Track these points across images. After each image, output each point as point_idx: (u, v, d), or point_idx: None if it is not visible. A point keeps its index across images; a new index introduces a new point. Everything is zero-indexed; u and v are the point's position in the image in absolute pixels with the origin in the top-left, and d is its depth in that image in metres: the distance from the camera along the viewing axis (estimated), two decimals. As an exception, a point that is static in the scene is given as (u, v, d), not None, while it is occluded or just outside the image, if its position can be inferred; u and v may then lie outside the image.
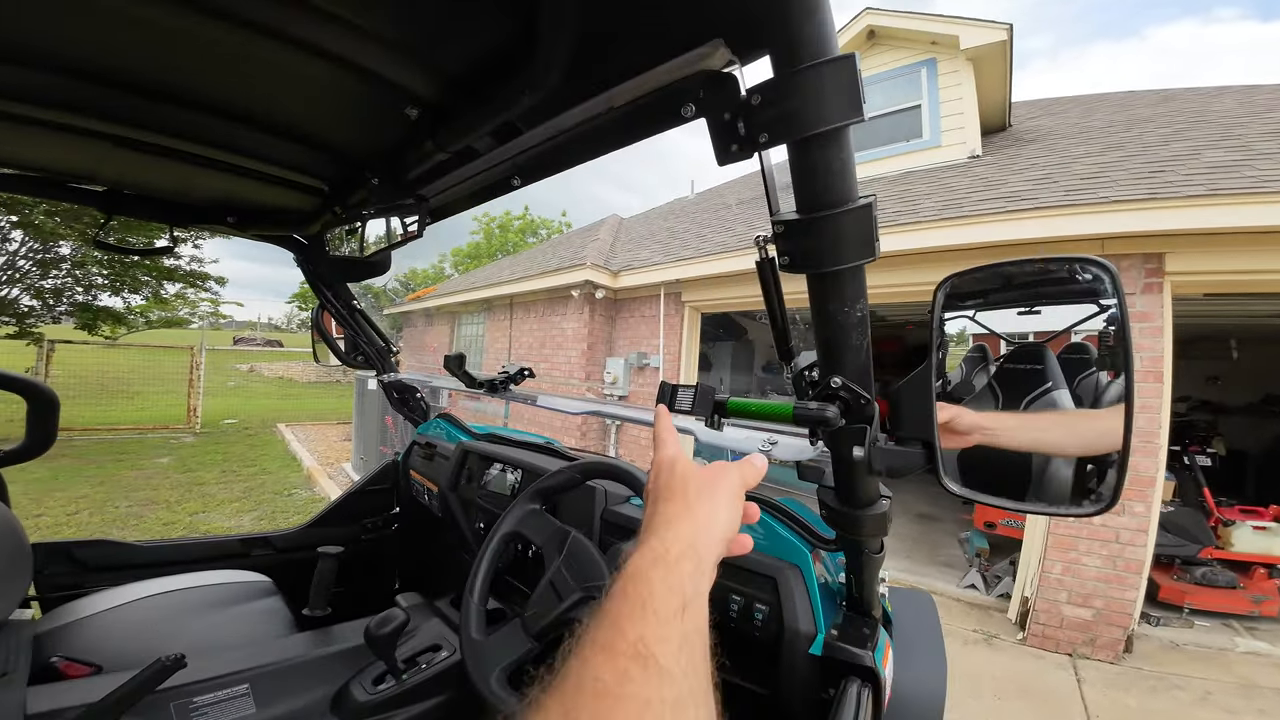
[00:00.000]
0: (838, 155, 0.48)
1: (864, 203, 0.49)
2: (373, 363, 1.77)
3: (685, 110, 0.60)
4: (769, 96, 0.48)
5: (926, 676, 1.07)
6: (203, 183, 1.18)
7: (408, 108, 0.81)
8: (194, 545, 1.70)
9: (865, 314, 0.56)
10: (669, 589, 0.38)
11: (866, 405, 0.60)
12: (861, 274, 0.54)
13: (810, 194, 0.50)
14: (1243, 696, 2.89)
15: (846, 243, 0.51)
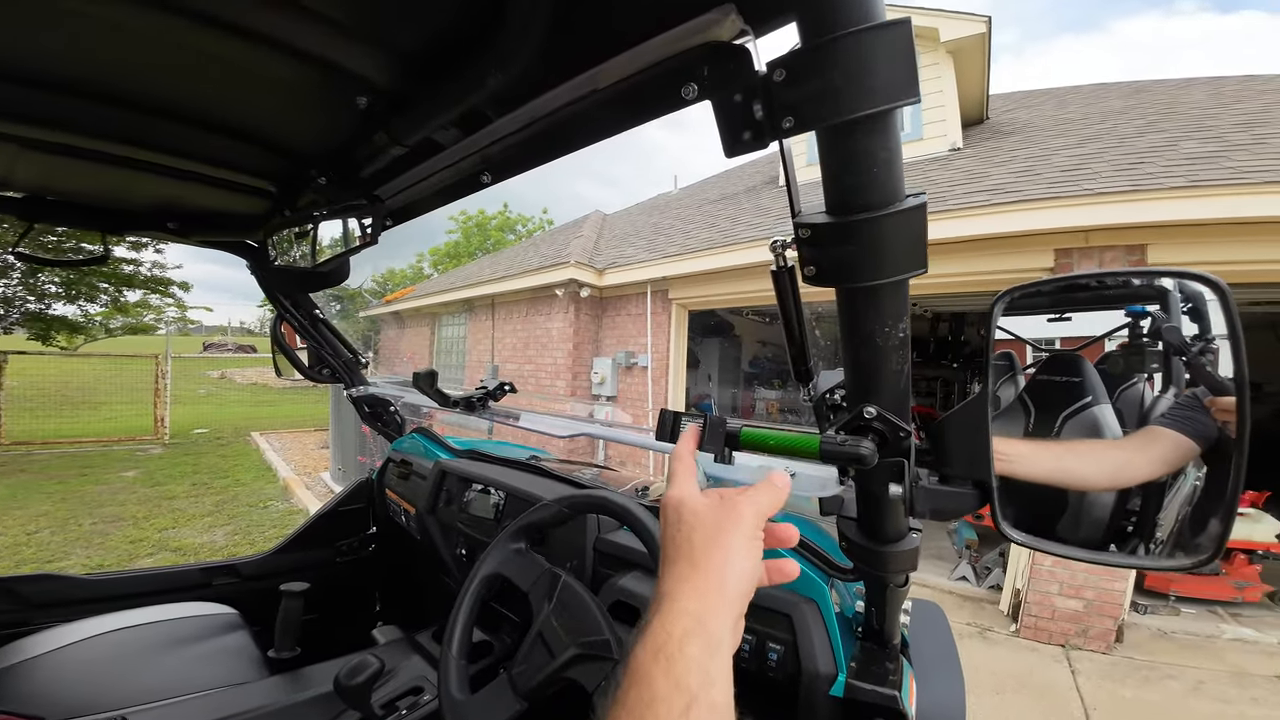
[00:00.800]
0: (884, 144, 0.39)
1: (915, 203, 0.40)
2: (340, 375, 1.64)
3: (686, 91, 0.50)
4: (797, 71, 0.39)
5: (944, 698, 1.00)
6: (137, 186, 1.07)
7: (356, 96, 0.70)
8: (149, 577, 1.57)
9: (908, 334, 0.47)
10: (673, 686, 0.34)
11: (905, 438, 0.52)
12: (906, 289, 0.45)
13: (847, 191, 0.41)
14: (1235, 685, 2.92)
15: (891, 252, 0.42)
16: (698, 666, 0.35)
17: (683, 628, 0.36)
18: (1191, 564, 0.46)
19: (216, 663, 1.31)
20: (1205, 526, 0.46)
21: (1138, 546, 0.53)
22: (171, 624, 1.38)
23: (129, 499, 5.61)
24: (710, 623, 0.37)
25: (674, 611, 0.38)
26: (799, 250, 0.47)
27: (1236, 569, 3.82)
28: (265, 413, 12.26)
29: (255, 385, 17.81)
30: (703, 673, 0.35)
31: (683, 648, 0.35)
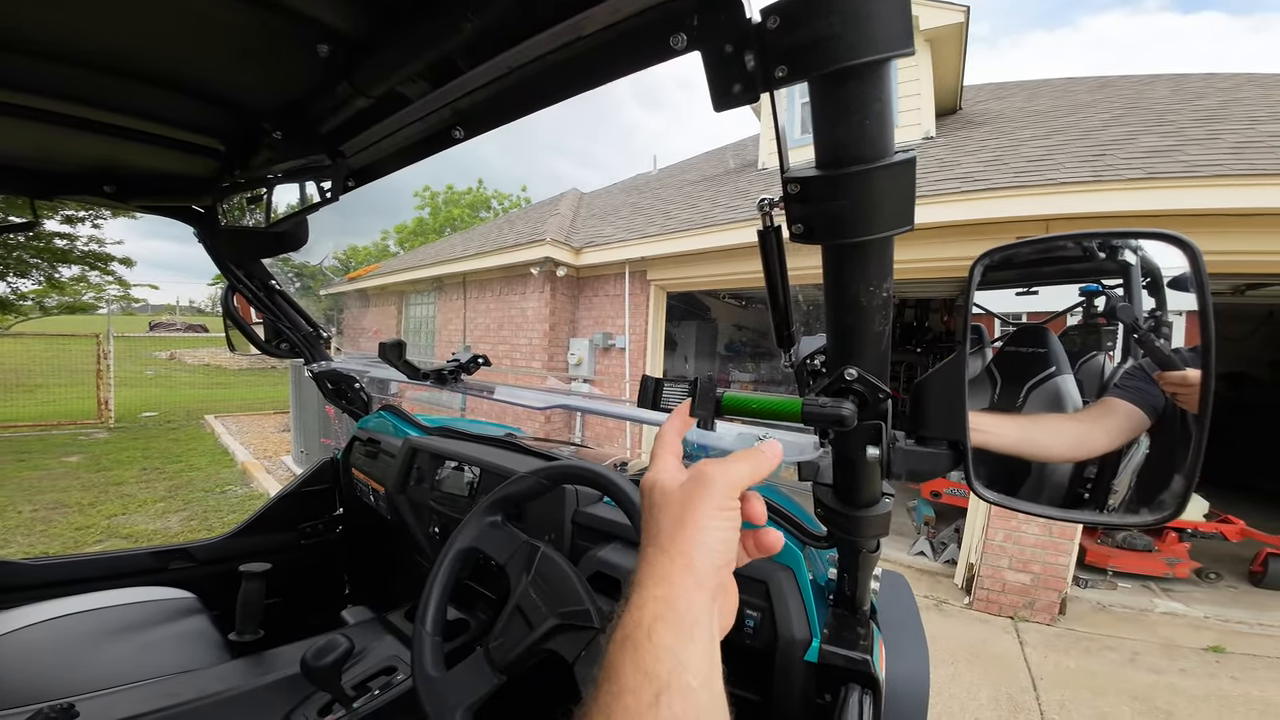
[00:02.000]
0: (878, 95, 0.38)
1: (905, 157, 0.39)
2: (299, 350, 1.56)
3: (675, 41, 0.48)
4: (793, 17, 0.37)
5: (910, 663, 1.05)
6: (69, 146, 0.97)
7: (316, 43, 0.65)
8: (97, 561, 1.48)
9: (891, 294, 0.47)
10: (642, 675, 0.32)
11: (883, 400, 0.52)
12: (892, 247, 0.45)
13: (839, 144, 0.40)
14: (1166, 657, 3.17)
15: (880, 207, 0.41)
16: (668, 653, 0.33)
17: (651, 613, 0.35)
18: (1155, 520, 0.48)
19: (173, 648, 1.26)
20: (1168, 485, 0.48)
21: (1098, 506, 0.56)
22: (123, 609, 1.32)
23: (72, 485, 5.31)
24: (679, 604, 0.36)
25: (641, 598, 0.37)
26: (787, 208, 0.46)
27: (1168, 546, 4.10)
28: (220, 395, 11.72)
29: (208, 366, 16.96)
30: (673, 658, 0.33)
31: (651, 634, 0.34)
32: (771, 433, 0.69)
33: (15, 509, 4.58)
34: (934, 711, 2.76)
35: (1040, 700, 2.80)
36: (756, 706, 0.88)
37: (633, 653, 0.33)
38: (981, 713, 2.71)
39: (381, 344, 1.07)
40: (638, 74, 0.55)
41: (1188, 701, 2.78)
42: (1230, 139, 3.20)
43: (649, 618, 0.35)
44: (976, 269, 0.52)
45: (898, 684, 0.97)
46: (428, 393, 5.91)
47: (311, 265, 15.93)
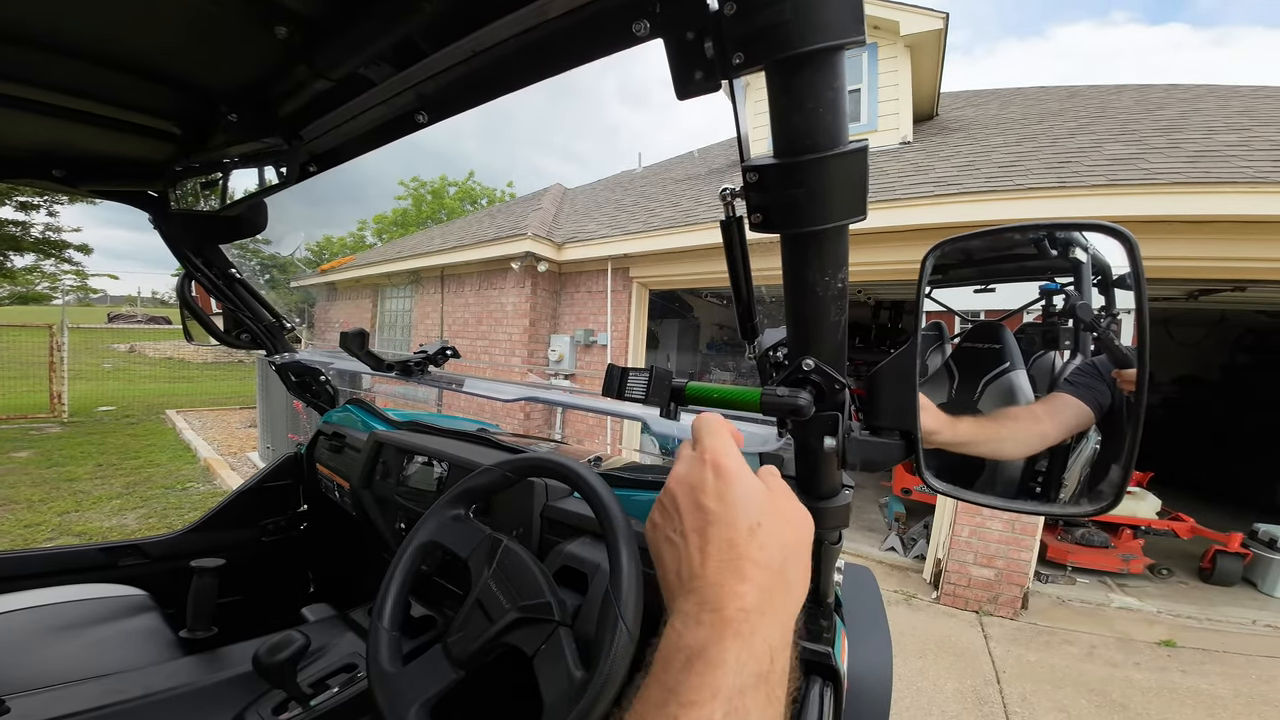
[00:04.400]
0: (830, 84, 0.38)
1: (856, 146, 0.39)
2: (261, 342, 1.51)
3: (638, 28, 0.48)
4: (749, 4, 0.37)
5: (874, 655, 1.06)
6: (15, 128, 0.93)
7: (274, 24, 0.62)
8: (39, 557, 1.41)
9: (846, 285, 0.47)
10: None
11: (840, 391, 0.52)
12: (846, 237, 0.45)
13: (794, 132, 0.40)
14: (1121, 650, 3.30)
15: (834, 196, 0.41)
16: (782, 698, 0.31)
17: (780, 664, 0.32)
18: (1094, 510, 0.49)
19: (121, 646, 1.20)
20: (1107, 476, 0.50)
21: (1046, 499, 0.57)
22: (69, 606, 1.25)
23: (21, 480, 5.06)
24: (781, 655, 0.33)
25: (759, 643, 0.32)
26: (746, 197, 0.46)
27: (1123, 543, 4.27)
28: (183, 389, 11.30)
29: (170, 360, 16.30)
30: None
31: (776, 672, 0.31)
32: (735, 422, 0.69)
33: (-43, 506, 4.35)
34: (902, 704, 2.83)
35: (1003, 693, 2.90)
36: None
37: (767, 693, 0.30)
38: (948, 705, 2.79)
39: (343, 333, 1.04)
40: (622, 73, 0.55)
41: (1141, 694, 2.91)
42: (1189, 148, 3.34)
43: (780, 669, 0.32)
44: (928, 260, 0.53)
45: (861, 676, 0.98)
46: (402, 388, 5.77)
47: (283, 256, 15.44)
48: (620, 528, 0.64)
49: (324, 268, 11.25)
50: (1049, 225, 0.51)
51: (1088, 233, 0.53)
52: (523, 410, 5.66)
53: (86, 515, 4.37)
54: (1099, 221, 0.48)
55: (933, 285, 0.79)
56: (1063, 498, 0.57)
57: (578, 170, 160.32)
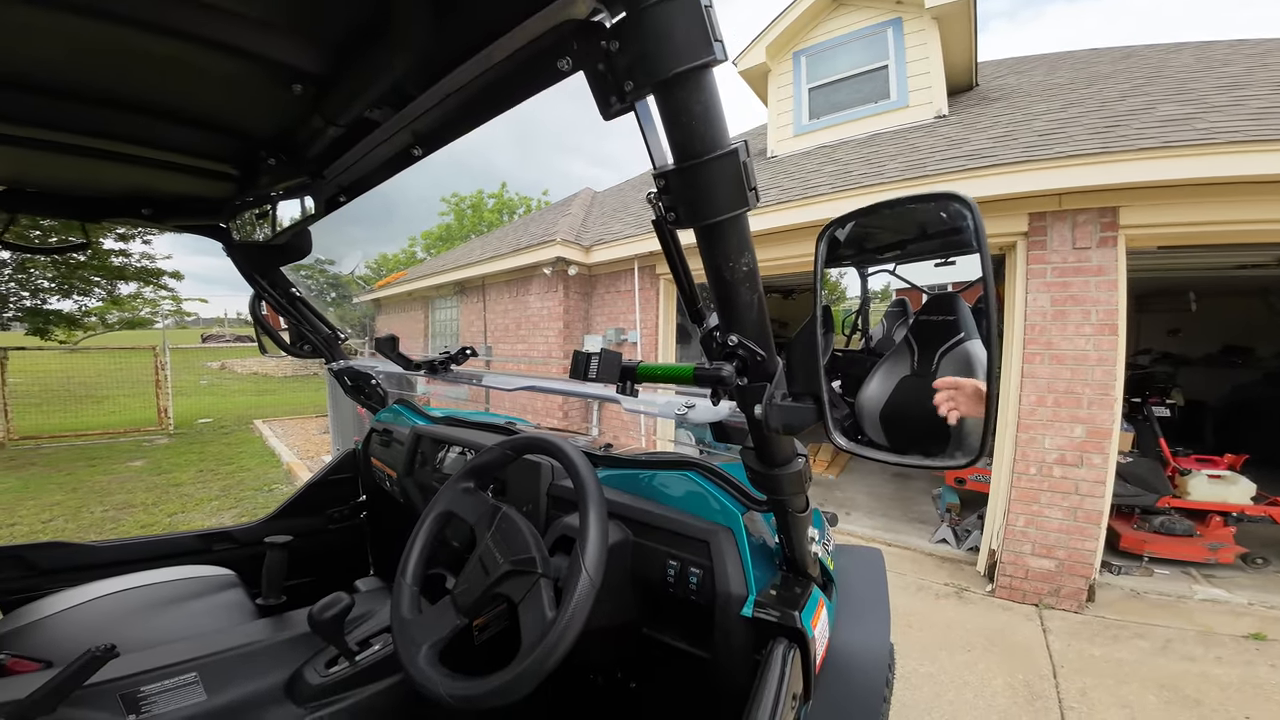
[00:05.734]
0: (698, 99, 0.46)
1: (731, 148, 0.47)
2: (320, 351, 1.73)
3: (563, 64, 0.58)
4: (622, 41, 0.46)
5: (871, 632, 1.11)
6: (111, 176, 1.14)
7: (292, 84, 0.78)
8: (151, 544, 1.67)
9: (753, 268, 0.55)
10: None
11: (765, 362, 0.60)
12: (743, 225, 0.53)
13: (680, 142, 0.49)
14: (1201, 644, 3.02)
15: (720, 192, 0.49)
16: None
17: None
18: (964, 462, 0.54)
19: (212, 616, 1.42)
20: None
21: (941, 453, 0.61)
22: (172, 584, 1.49)
23: (137, 487, 5.78)
24: None
25: None
26: (661, 200, 0.55)
27: (1211, 531, 3.89)
28: (267, 401, 12.43)
29: (256, 375, 17.96)
30: None
31: None
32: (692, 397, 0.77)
33: (88, 510, 5.04)
34: (945, 698, 2.75)
35: (1059, 687, 2.75)
36: (705, 663, 0.96)
37: None
38: (996, 699, 2.68)
39: (376, 338, 1.20)
40: None
41: (1219, 690, 2.67)
42: (1252, 105, 3.03)
43: None
44: (820, 244, 0.59)
45: (856, 649, 1.03)
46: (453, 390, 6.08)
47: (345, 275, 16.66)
48: (590, 492, 0.74)
49: (379, 284, 12.05)
50: (902, 200, 0.55)
51: (931, 202, 0.57)
52: (561, 409, 5.88)
53: (190, 515, 4.95)
54: (938, 191, 0.53)
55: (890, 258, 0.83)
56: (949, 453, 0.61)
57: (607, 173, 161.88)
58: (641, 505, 0.99)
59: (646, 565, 0.95)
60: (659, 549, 0.94)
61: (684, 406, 0.76)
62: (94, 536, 4.45)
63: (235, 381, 16.54)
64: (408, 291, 9.85)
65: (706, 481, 0.97)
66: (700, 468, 1.00)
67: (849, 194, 3.96)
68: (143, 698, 1.02)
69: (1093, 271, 3.15)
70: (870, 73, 5.38)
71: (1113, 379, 3.23)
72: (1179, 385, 6.04)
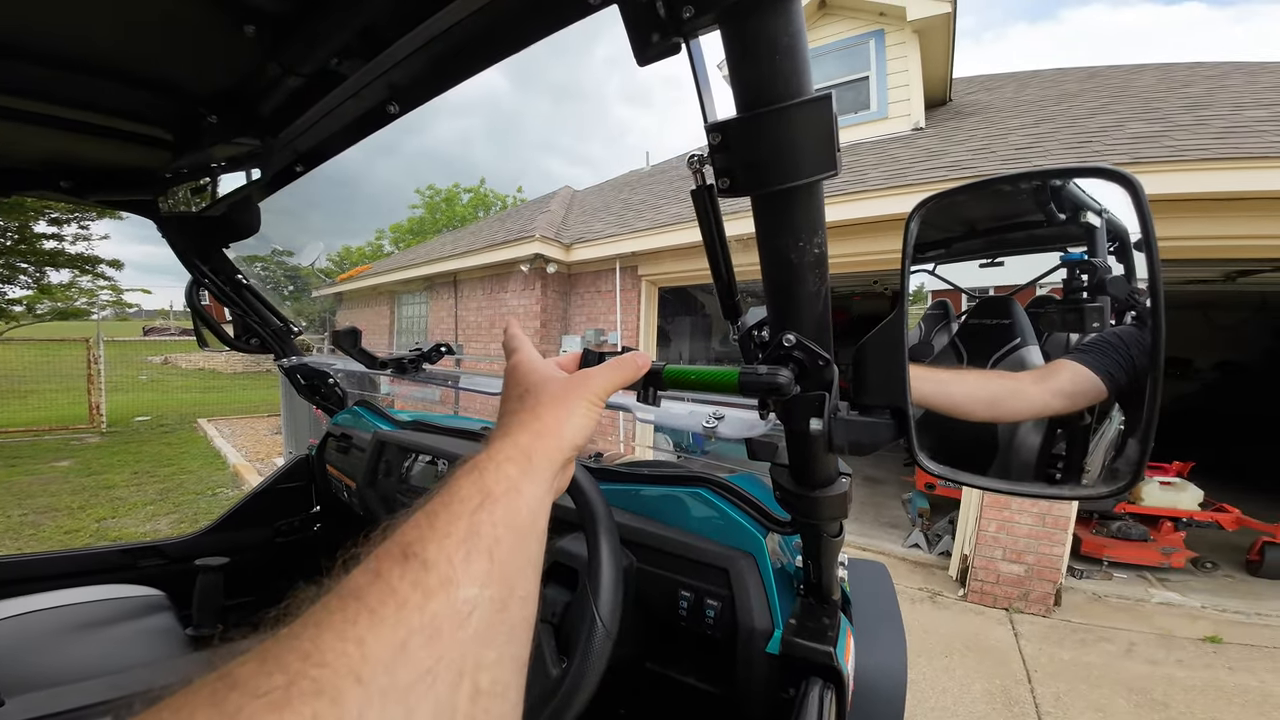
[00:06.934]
0: (785, 28, 0.35)
1: (821, 94, 0.37)
2: (269, 346, 1.53)
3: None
4: None
5: (887, 655, 1.02)
6: (21, 140, 0.95)
7: (243, 23, 0.63)
8: (65, 559, 1.46)
9: (824, 250, 0.44)
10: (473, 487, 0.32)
11: (825, 368, 0.49)
12: (820, 196, 0.42)
13: (752, 84, 0.38)
14: (1163, 647, 3.13)
15: (801, 150, 0.38)
16: (503, 478, 0.34)
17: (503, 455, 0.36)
18: (1110, 491, 0.44)
19: (135, 645, 1.23)
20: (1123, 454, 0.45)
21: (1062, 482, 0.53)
22: (88, 606, 1.29)
23: (63, 489, 5.28)
24: (535, 452, 0.37)
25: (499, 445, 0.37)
26: (713, 162, 0.44)
27: (1163, 536, 4.06)
28: (214, 399, 11.69)
29: (202, 370, 16.91)
30: (508, 482, 0.34)
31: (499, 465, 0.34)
32: (721, 408, 0.66)
33: (4, 513, 4.56)
34: (927, 704, 2.74)
35: (1035, 693, 2.78)
36: (720, 701, 0.85)
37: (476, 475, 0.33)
38: (975, 706, 2.69)
39: (334, 331, 1.04)
40: (624, 74, 0.53)
41: (1184, 692, 2.76)
42: (1216, 125, 3.17)
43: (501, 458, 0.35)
44: (912, 221, 0.49)
45: (872, 676, 0.94)
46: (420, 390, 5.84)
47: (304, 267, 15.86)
48: (601, 519, 0.62)
49: (342, 277, 11.52)
50: (1042, 173, 0.47)
51: (1085, 179, 0.48)
52: (537, 412, 5.68)
53: (122, 521, 4.53)
54: (1097, 165, 0.44)
55: (931, 257, 0.74)
56: (1084, 482, 0.52)
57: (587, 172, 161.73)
58: (647, 527, 0.87)
59: (654, 595, 0.84)
60: (668, 576, 0.83)
61: (712, 418, 0.64)
62: (8, 544, 4.01)
63: (179, 377, 15.50)
64: (373, 286, 9.43)
65: (722, 500, 0.86)
66: (713, 484, 0.89)
67: (833, 200, 3.96)
68: None
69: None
70: (852, 83, 5.45)
71: (1082, 388, 3.31)
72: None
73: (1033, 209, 0.53)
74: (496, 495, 0.32)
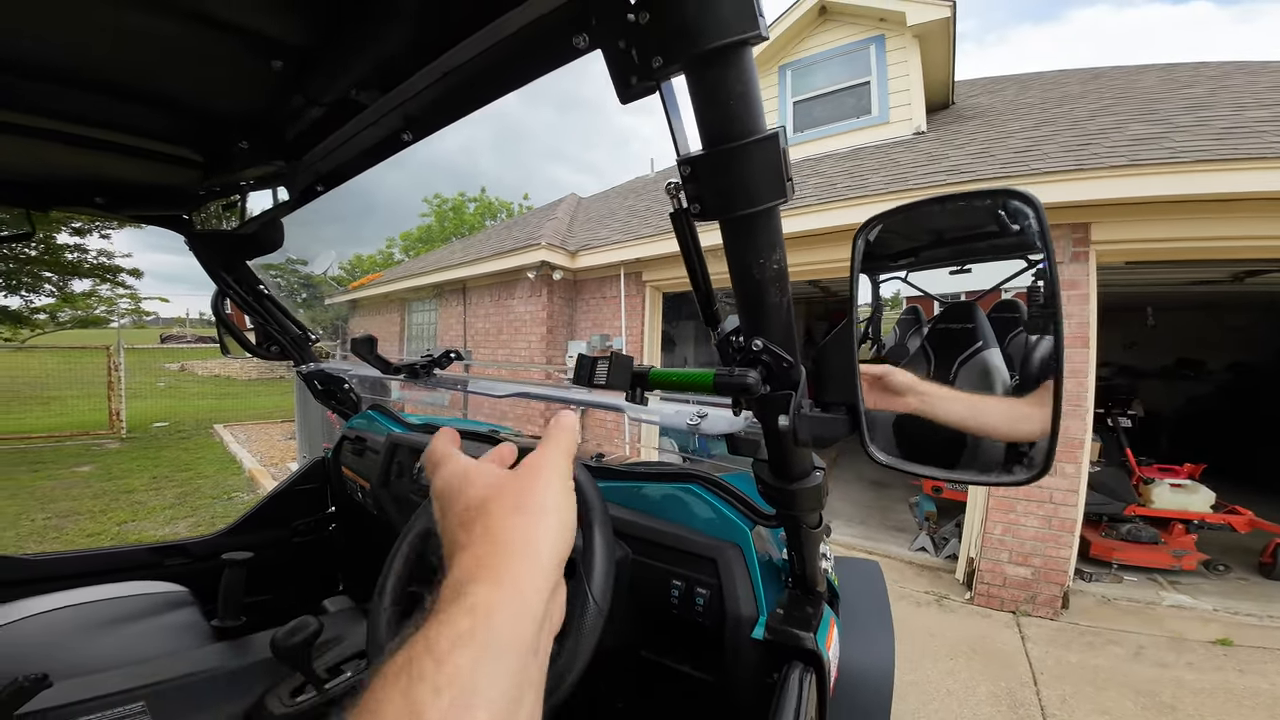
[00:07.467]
0: (738, 77, 0.41)
1: (771, 132, 0.43)
2: (289, 353, 1.62)
3: (579, 41, 0.53)
4: (657, 12, 0.41)
5: (874, 647, 1.07)
6: (61, 160, 1.03)
7: (271, 59, 0.70)
8: (95, 556, 1.53)
9: (783, 266, 0.50)
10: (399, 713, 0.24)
11: (791, 369, 0.55)
12: (776, 219, 0.48)
13: (713, 125, 0.44)
14: (1172, 650, 3.10)
15: (756, 180, 0.45)
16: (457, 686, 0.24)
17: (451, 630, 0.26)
18: (1029, 477, 0.50)
19: (161, 637, 1.30)
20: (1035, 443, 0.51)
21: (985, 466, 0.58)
22: (116, 602, 1.36)
23: (84, 493, 5.42)
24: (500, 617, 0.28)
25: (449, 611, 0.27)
26: (685, 188, 0.50)
27: (1175, 538, 4.01)
28: (229, 405, 11.90)
29: (218, 377, 17.22)
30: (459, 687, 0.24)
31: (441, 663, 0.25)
32: (704, 406, 0.72)
33: (29, 517, 4.70)
34: (931, 707, 2.75)
35: (1040, 695, 2.78)
36: (712, 688, 0.90)
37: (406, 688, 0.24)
38: (980, 708, 2.69)
39: (352, 339, 1.12)
40: None
41: (1193, 695, 2.74)
42: (1216, 125, 3.18)
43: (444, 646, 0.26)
44: (859, 239, 0.55)
45: (861, 668, 0.99)
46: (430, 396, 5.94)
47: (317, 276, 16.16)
48: (595, 508, 0.68)
49: (354, 285, 11.72)
50: (965, 194, 0.52)
51: (995, 197, 0.54)
52: (544, 417, 5.76)
53: (141, 524, 4.66)
54: (1006, 187, 0.50)
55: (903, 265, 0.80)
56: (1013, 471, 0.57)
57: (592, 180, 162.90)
58: (642, 520, 0.93)
59: (647, 585, 0.89)
60: (661, 567, 0.88)
61: (696, 416, 0.70)
62: (34, 546, 4.13)
63: (195, 384, 15.81)
64: (384, 293, 9.59)
65: (711, 495, 0.92)
66: (704, 480, 0.94)
67: (835, 205, 4.01)
68: None
69: (1065, 286, 3.24)
70: (853, 88, 5.50)
71: (1084, 389, 3.32)
72: (1138, 396, 6.30)
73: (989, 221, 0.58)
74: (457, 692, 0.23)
